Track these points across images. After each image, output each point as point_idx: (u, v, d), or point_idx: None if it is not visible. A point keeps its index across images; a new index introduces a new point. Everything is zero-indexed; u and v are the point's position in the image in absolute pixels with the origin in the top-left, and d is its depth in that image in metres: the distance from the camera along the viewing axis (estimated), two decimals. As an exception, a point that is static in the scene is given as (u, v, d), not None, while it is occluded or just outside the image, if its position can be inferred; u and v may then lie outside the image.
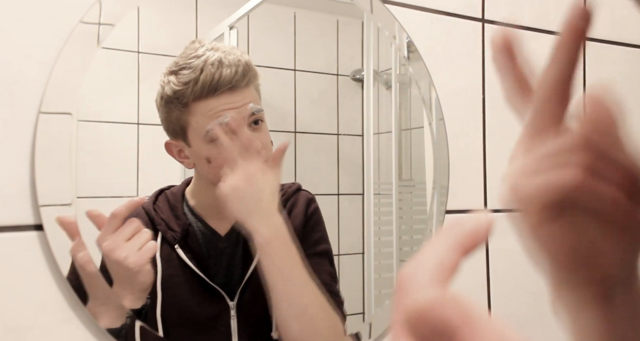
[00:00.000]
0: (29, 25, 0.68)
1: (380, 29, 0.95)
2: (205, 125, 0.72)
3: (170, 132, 0.75)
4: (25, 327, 0.66)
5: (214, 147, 0.73)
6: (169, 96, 0.73)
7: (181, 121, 0.73)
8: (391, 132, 0.98)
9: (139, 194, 0.78)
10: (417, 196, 1.00)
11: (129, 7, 0.74)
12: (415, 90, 0.98)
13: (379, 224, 0.97)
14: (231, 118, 0.72)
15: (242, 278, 0.78)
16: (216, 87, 0.72)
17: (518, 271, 1.07)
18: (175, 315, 0.72)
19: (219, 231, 0.79)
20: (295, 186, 0.84)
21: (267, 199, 0.73)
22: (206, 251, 0.77)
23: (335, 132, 0.94)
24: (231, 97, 0.73)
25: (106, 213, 0.70)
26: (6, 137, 0.67)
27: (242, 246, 0.79)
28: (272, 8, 0.90)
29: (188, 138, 0.74)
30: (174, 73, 0.73)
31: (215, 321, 0.75)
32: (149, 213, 0.76)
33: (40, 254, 0.67)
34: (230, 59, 0.73)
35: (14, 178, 0.67)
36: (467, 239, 0.25)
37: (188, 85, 0.71)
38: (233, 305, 0.76)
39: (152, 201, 0.77)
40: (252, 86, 0.76)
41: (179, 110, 0.73)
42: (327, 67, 0.94)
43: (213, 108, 0.72)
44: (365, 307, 0.94)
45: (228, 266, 0.78)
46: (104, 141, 0.77)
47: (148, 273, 0.71)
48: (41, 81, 0.68)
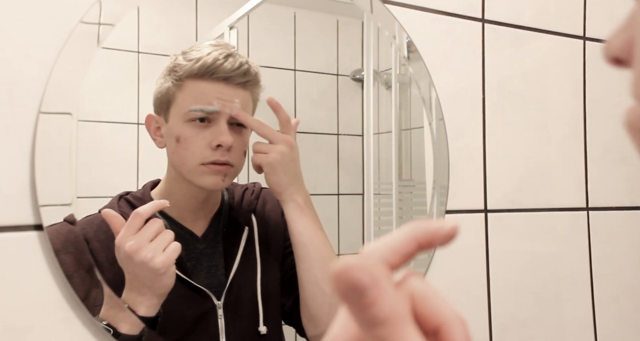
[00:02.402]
0: (29, 25, 0.68)
1: (380, 29, 0.95)
2: (189, 104, 0.73)
3: (157, 106, 0.76)
4: (25, 327, 0.66)
5: (188, 127, 0.74)
6: (170, 68, 0.75)
7: (169, 95, 0.74)
8: (391, 132, 0.98)
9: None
10: (417, 196, 1.00)
11: (129, 7, 0.74)
12: (415, 90, 0.98)
13: (379, 224, 0.97)
14: (222, 105, 0.74)
15: (226, 277, 0.77)
16: (213, 71, 0.73)
17: (518, 271, 1.07)
18: (164, 315, 0.71)
19: (195, 232, 0.78)
20: (259, 185, 0.86)
21: (300, 171, 0.80)
22: (185, 253, 0.75)
23: (335, 132, 0.94)
24: (223, 88, 0.74)
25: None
26: (6, 137, 0.67)
27: (221, 246, 0.79)
28: (272, 8, 0.90)
29: (169, 113, 0.75)
30: (184, 53, 0.75)
31: (203, 321, 0.75)
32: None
33: (40, 254, 0.67)
34: (239, 59, 0.75)
35: (14, 178, 0.67)
36: (425, 237, 0.28)
37: (190, 61, 0.73)
38: (220, 304, 0.76)
39: (115, 207, 0.73)
40: (249, 90, 0.77)
41: (172, 82, 0.74)
42: (327, 67, 0.94)
43: (203, 91, 0.73)
44: (365, 307, 0.93)
45: (209, 266, 0.77)
46: (104, 141, 0.77)
47: (172, 275, 0.68)
48: (41, 80, 0.68)
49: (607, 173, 1.19)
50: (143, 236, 0.66)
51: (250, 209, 0.83)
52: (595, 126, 1.17)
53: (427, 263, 0.97)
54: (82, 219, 0.71)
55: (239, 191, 0.84)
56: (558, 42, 1.14)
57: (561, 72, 1.15)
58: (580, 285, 1.15)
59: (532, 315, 1.07)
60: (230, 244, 0.80)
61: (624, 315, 1.19)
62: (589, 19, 1.17)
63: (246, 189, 0.85)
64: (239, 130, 0.77)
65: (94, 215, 0.72)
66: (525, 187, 1.09)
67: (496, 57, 1.06)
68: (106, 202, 0.74)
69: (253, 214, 0.83)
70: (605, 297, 1.17)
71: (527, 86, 1.10)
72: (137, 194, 0.77)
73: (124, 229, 0.66)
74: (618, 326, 1.18)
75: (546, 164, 1.12)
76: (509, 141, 1.07)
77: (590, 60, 1.17)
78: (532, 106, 1.11)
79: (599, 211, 1.17)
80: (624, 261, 1.20)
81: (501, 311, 1.03)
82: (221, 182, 0.75)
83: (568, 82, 1.16)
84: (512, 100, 1.08)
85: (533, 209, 1.09)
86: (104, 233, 0.70)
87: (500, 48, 1.06)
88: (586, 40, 1.17)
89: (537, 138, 1.11)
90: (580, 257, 1.15)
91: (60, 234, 0.68)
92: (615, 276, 1.19)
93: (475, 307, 1.02)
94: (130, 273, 0.67)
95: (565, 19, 1.15)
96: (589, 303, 1.15)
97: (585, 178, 1.16)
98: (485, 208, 1.03)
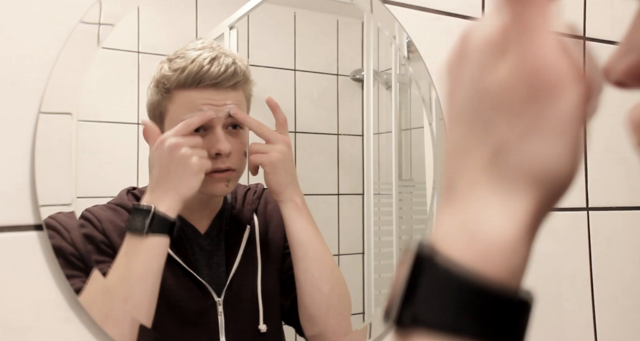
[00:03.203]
0: (29, 25, 0.68)
1: (380, 29, 0.95)
2: (182, 115, 0.73)
3: (150, 117, 0.76)
4: (25, 327, 0.66)
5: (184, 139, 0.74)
6: (157, 80, 0.75)
7: (161, 107, 0.75)
8: (391, 132, 0.98)
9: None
10: (417, 196, 1.00)
11: (129, 7, 0.74)
12: (415, 90, 0.98)
13: (379, 224, 0.97)
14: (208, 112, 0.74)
15: (226, 275, 0.78)
16: (200, 79, 0.73)
17: (518, 271, 1.07)
18: (164, 308, 0.72)
19: (198, 229, 0.79)
20: (261, 186, 0.86)
21: (295, 171, 0.81)
22: (190, 248, 0.77)
23: (335, 132, 0.94)
24: (213, 94, 0.74)
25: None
26: (6, 137, 0.67)
27: (223, 243, 0.80)
28: (272, 8, 0.90)
29: (164, 125, 0.75)
30: (169, 60, 0.75)
31: (203, 316, 0.75)
32: (128, 209, 0.74)
33: (40, 254, 0.67)
34: (225, 60, 0.74)
35: (14, 178, 0.67)
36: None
37: (176, 72, 0.73)
38: (220, 301, 0.76)
39: (124, 199, 0.75)
40: (240, 90, 0.77)
41: (161, 95, 0.74)
42: (327, 67, 0.94)
43: (193, 100, 0.74)
44: (365, 307, 0.94)
45: (211, 263, 0.78)
46: (104, 141, 0.77)
47: (200, 180, 0.72)
48: (41, 80, 0.68)
49: (607, 172, 1.19)
50: (187, 139, 0.72)
51: (252, 209, 0.84)
52: (595, 126, 1.17)
53: (427, 263, 0.97)
54: (91, 208, 0.73)
55: (241, 191, 0.85)
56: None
57: (561, 72, 1.15)
58: (580, 285, 1.15)
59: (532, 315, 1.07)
60: (231, 243, 0.80)
61: (624, 315, 1.19)
62: (589, 19, 1.17)
63: (248, 189, 0.85)
64: (236, 133, 0.77)
65: (97, 206, 0.73)
66: (525, 187, 1.09)
67: (496, 57, 1.06)
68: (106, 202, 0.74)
69: (255, 214, 0.84)
70: (605, 297, 1.17)
71: (527, 86, 1.10)
72: (143, 189, 0.78)
73: (172, 130, 0.72)
74: (618, 326, 1.18)
75: (546, 164, 1.12)
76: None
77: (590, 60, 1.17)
78: (532, 106, 1.10)
79: (599, 211, 1.17)
80: (624, 261, 1.20)
81: (501, 311, 1.03)
82: (225, 187, 0.77)
83: (568, 82, 1.15)
84: (512, 100, 1.08)
85: (533, 209, 1.09)
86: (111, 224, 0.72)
87: (500, 48, 1.06)
88: (586, 40, 1.17)
89: (537, 138, 1.11)
90: (580, 257, 1.15)
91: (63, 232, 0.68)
92: (615, 276, 1.19)
93: (475, 307, 1.02)
94: (163, 168, 0.71)
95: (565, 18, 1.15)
96: (589, 303, 1.15)
97: (585, 178, 1.16)
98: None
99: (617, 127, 1.38)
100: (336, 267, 0.86)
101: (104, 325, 0.67)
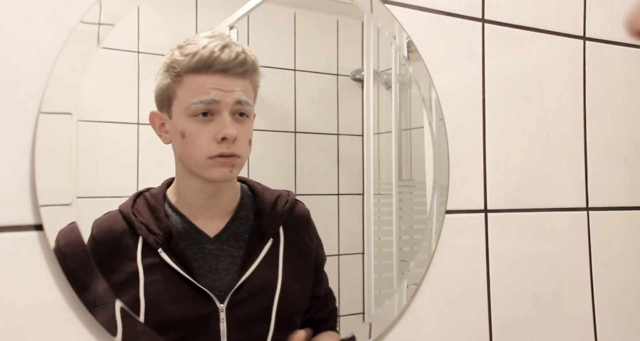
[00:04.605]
0: (29, 25, 0.68)
1: (380, 29, 0.95)
2: (190, 99, 0.74)
3: (158, 103, 0.77)
4: (25, 327, 0.66)
5: (192, 122, 0.74)
6: (167, 65, 0.75)
7: (170, 91, 0.75)
8: (391, 132, 0.98)
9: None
10: (417, 196, 0.99)
11: (129, 7, 0.74)
12: (415, 90, 0.98)
13: (379, 224, 0.97)
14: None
15: (234, 280, 0.76)
16: (211, 64, 0.74)
17: (518, 271, 1.07)
18: (159, 319, 0.71)
19: (206, 232, 0.78)
20: (292, 195, 0.85)
21: None
22: (191, 253, 0.75)
23: (335, 132, 0.94)
24: (222, 80, 0.75)
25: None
26: (6, 137, 0.67)
27: (234, 249, 0.78)
28: (272, 8, 0.90)
29: (171, 110, 0.75)
30: (180, 47, 0.76)
31: (203, 324, 0.74)
32: (127, 218, 0.74)
33: (40, 254, 0.67)
34: (235, 48, 0.75)
35: (14, 178, 0.67)
36: None
37: (187, 56, 0.74)
38: (223, 307, 0.75)
39: (130, 205, 0.75)
40: (248, 79, 0.77)
41: (171, 79, 0.75)
42: (327, 67, 0.94)
43: (202, 84, 0.74)
44: (365, 307, 0.93)
45: (216, 269, 0.76)
46: (104, 141, 0.77)
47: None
48: (41, 80, 0.68)
49: (607, 172, 1.19)
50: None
51: (279, 222, 0.82)
52: (595, 126, 1.17)
53: (427, 263, 0.97)
54: (98, 218, 0.73)
55: (269, 196, 0.83)
56: (558, 42, 1.14)
57: (561, 72, 1.15)
58: (580, 284, 1.15)
59: (532, 314, 1.07)
60: (248, 251, 0.79)
61: (624, 315, 1.19)
62: (589, 19, 1.17)
63: (279, 196, 0.84)
64: (242, 120, 0.77)
65: (106, 215, 0.74)
66: (525, 187, 1.09)
67: (496, 57, 1.06)
68: (106, 202, 0.74)
69: (282, 228, 0.82)
70: (605, 297, 1.17)
71: (527, 86, 1.10)
72: (153, 192, 0.78)
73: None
74: (618, 326, 1.18)
75: (546, 164, 1.12)
76: (509, 141, 1.07)
77: (590, 60, 1.17)
78: (532, 106, 1.11)
79: (599, 211, 1.17)
80: (624, 261, 1.20)
81: (501, 311, 1.03)
82: (229, 173, 0.76)
83: (568, 82, 1.16)
84: (512, 100, 1.08)
85: (533, 209, 1.09)
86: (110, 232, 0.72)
87: (500, 48, 1.06)
88: (586, 40, 1.17)
89: (537, 138, 1.11)
90: (580, 257, 1.15)
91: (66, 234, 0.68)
92: (615, 276, 1.19)
93: (475, 307, 1.02)
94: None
95: (565, 18, 1.15)
96: (589, 303, 1.15)
97: (585, 178, 1.16)
98: (485, 208, 1.03)
99: (617, 127, 1.39)
100: None
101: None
